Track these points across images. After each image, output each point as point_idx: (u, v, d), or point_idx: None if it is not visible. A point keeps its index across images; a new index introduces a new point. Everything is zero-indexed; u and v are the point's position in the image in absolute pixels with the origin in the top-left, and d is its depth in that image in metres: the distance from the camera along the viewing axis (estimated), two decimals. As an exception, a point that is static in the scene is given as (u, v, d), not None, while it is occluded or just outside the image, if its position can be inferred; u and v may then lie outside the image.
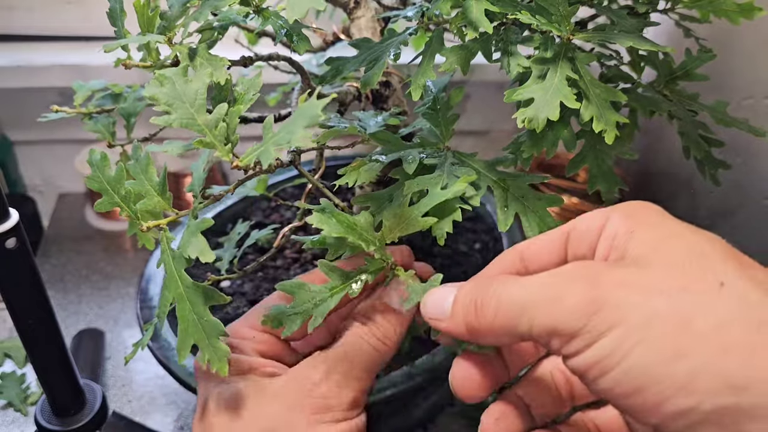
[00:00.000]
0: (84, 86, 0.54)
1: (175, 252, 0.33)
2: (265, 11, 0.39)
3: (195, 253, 0.31)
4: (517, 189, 0.39)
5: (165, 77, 0.34)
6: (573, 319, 0.26)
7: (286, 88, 0.74)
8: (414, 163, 0.40)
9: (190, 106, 0.33)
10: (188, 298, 0.33)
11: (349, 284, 0.37)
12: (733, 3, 0.39)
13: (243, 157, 0.33)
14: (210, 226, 0.32)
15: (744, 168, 0.78)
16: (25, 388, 0.73)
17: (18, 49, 0.96)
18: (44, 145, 1.06)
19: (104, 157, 0.36)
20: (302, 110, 0.30)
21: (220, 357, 0.33)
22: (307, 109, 0.30)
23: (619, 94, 0.36)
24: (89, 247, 0.97)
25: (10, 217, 0.44)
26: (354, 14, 0.53)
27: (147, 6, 0.38)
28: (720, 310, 0.25)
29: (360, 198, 0.41)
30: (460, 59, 0.38)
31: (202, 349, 0.33)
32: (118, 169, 0.35)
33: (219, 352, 0.33)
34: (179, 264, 0.33)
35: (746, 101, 0.77)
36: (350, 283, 0.37)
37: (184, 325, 0.33)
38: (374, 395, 0.50)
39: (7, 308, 0.47)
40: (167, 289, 0.33)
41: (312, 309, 0.36)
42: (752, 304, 0.25)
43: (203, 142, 0.33)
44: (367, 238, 0.37)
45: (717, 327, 0.24)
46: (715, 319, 0.24)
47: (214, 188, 0.50)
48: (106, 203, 0.35)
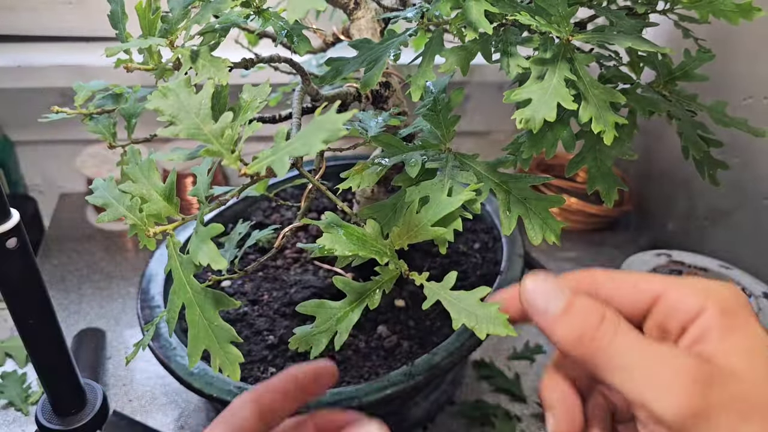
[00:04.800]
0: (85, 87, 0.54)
1: (183, 257, 0.33)
2: (265, 12, 0.39)
3: (206, 260, 0.31)
4: (519, 191, 0.39)
5: (168, 89, 0.34)
6: (671, 413, 0.28)
7: (287, 88, 0.74)
8: (417, 167, 0.40)
9: (195, 116, 0.33)
10: (198, 304, 0.33)
11: (367, 296, 0.37)
12: (732, 3, 0.39)
13: (252, 165, 0.32)
14: (220, 232, 0.32)
15: (743, 168, 0.78)
16: (26, 388, 0.73)
17: (19, 50, 0.96)
18: (45, 146, 1.06)
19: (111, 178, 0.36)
20: (321, 122, 0.30)
21: (232, 361, 0.33)
22: (326, 123, 0.30)
23: (618, 95, 0.36)
24: (90, 246, 0.97)
25: (11, 217, 0.44)
26: (354, 15, 0.53)
27: (149, 9, 0.38)
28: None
29: (366, 211, 0.41)
30: (460, 60, 0.38)
31: (213, 354, 0.33)
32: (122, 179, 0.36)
33: (231, 357, 0.33)
34: (188, 269, 0.33)
35: (746, 101, 0.77)
36: (369, 295, 0.37)
37: (195, 330, 0.33)
38: (374, 395, 0.50)
39: (8, 308, 0.47)
40: (176, 295, 0.34)
41: (336, 325, 0.37)
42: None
43: (210, 150, 0.33)
44: (379, 248, 0.38)
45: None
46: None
47: (216, 189, 0.50)
48: (111, 215, 0.35)
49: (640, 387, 0.29)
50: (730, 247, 0.83)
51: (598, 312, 0.31)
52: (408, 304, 0.59)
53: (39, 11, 0.96)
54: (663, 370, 0.29)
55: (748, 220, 0.80)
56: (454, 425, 0.68)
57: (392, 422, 0.65)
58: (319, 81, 0.45)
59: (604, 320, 0.31)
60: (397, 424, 0.66)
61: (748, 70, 0.77)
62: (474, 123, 1.11)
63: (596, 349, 0.30)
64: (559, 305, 0.32)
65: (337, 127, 0.29)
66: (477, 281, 0.61)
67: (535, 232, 0.38)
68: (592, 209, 0.96)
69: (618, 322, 0.31)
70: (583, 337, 0.31)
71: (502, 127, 1.12)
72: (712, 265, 0.78)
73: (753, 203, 0.79)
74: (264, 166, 0.32)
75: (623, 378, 0.29)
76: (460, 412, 0.70)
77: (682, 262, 0.79)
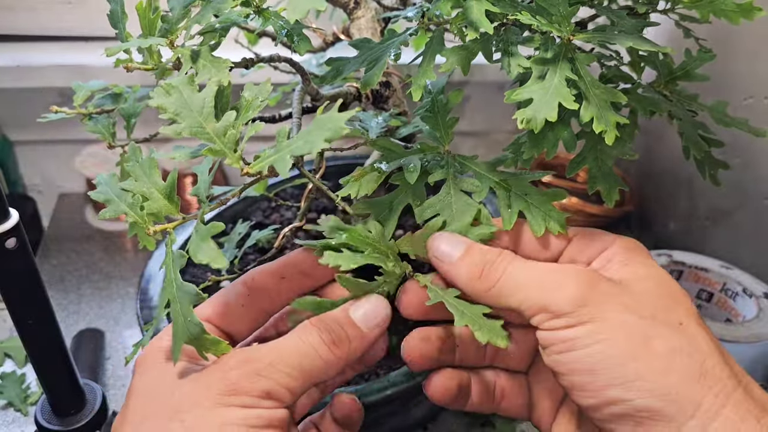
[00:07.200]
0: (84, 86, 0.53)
1: (174, 254, 0.33)
2: (265, 12, 0.39)
3: (206, 259, 0.31)
4: (519, 187, 0.39)
5: (172, 86, 0.33)
6: (564, 304, 0.33)
7: (287, 88, 0.74)
8: (415, 172, 0.40)
9: (198, 115, 0.33)
10: (179, 299, 0.33)
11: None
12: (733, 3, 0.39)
13: (254, 164, 0.32)
14: (221, 230, 0.32)
15: (744, 168, 0.78)
16: (25, 388, 0.73)
17: (18, 49, 0.96)
18: (44, 146, 1.06)
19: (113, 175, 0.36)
20: (323, 121, 0.30)
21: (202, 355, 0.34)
22: (328, 122, 0.30)
23: (619, 95, 0.36)
24: (89, 247, 0.97)
25: (10, 217, 0.44)
26: (354, 14, 0.53)
27: (149, 8, 0.38)
28: (674, 341, 0.32)
29: (360, 205, 0.41)
30: (461, 60, 0.38)
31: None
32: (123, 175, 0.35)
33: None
34: (176, 265, 0.33)
35: (746, 101, 0.77)
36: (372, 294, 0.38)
37: (176, 327, 0.33)
38: (374, 395, 0.50)
39: (7, 308, 0.47)
40: (165, 291, 0.34)
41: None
42: (698, 345, 0.33)
43: (212, 150, 0.33)
44: (384, 251, 0.38)
45: (668, 351, 0.32)
46: (668, 346, 0.32)
47: (216, 189, 0.50)
48: (112, 211, 0.35)
49: (538, 295, 0.34)
50: (731, 247, 0.83)
51: (495, 250, 0.37)
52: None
53: (38, 11, 0.96)
54: (556, 276, 0.35)
55: (749, 220, 0.80)
56: (455, 425, 0.68)
57: (393, 422, 0.65)
58: (319, 81, 0.45)
59: (501, 254, 0.36)
60: (397, 424, 0.66)
61: (749, 70, 0.76)
62: (474, 123, 1.11)
63: (495, 278, 0.35)
64: (462, 248, 0.37)
65: (339, 126, 0.29)
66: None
67: (538, 224, 0.38)
68: (593, 209, 0.96)
69: (513, 255, 0.37)
70: (484, 270, 0.36)
71: (503, 127, 1.12)
72: (713, 265, 0.78)
73: (754, 203, 0.79)
74: (266, 165, 0.32)
75: (524, 296, 0.35)
76: (460, 413, 0.69)
77: (682, 263, 0.79)
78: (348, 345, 0.36)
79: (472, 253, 0.37)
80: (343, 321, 0.36)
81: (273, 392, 0.33)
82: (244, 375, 0.33)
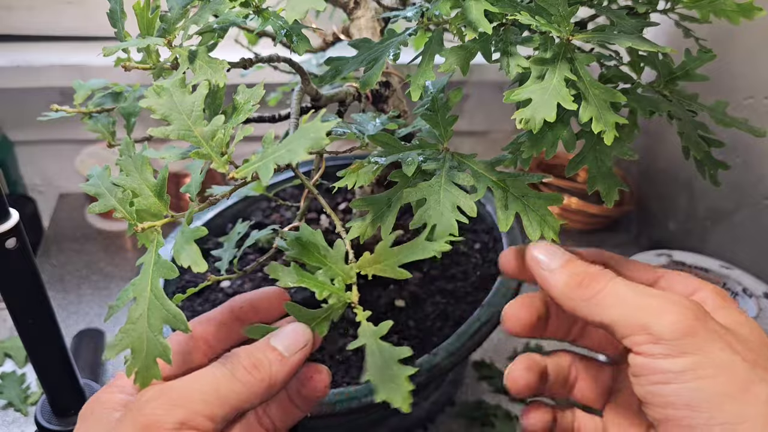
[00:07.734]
0: (84, 85, 0.54)
1: (160, 259, 0.33)
2: (264, 12, 0.39)
3: (187, 262, 0.31)
4: (517, 189, 0.39)
5: (162, 88, 0.34)
6: (667, 330, 0.32)
7: (286, 88, 0.74)
8: (413, 165, 0.39)
9: (187, 118, 0.33)
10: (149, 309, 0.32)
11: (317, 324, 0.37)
12: (733, 3, 0.39)
13: (240, 169, 0.33)
14: (204, 235, 0.32)
15: (744, 168, 0.78)
16: (25, 388, 0.73)
17: (18, 49, 0.96)
18: (44, 145, 1.06)
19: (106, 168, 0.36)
20: (305, 131, 0.30)
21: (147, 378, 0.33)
22: (310, 131, 0.30)
23: (618, 95, 0.36)
24: (89, 247, 0.97)
25: (11, 218, 0.44)
26: (354, 14, 0.53)
27: (147, 8, 0.38)
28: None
29: (358, 202, 0.40)
30: (460, 60, 0.38)
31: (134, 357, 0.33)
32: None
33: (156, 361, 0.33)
34: (157, 272, 0.33)
35: (746, 101, 0.77)
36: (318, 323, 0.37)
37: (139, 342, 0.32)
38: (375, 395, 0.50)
39: (7, 308, 0.47)
40: (133, 287, 0.33)
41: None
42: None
43: (200, 153, 0.33)
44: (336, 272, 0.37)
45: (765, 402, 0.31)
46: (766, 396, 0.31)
47: (215, 188, 0.50)
48: (101, 205, 0.35)
49: (640, 315, 0.33)
50: (730, 247, 0.83)
51: (596, 266, 0.36)
52: (408, 304, 0.59)
53: (37, 10, 0.96)
54: (661, 301, 0.33)
55: (749, 220, 0.80)
56: (455, 426, 0.68)
57: (392, 422, 0.65)
58: (319, 80, 0.45)
59: (604, 269, 0.36)
60: (397, 424, 0.66)
61: (749, 70, 0.76)
62: (473, 123, 1.11)
63: (597, 290, 0.35)
64: (562, 259, 0.37)
65: (321, 136, 0.29)
66: (477, 281, 0.61)
67: (533, 229, 0.38)
68: (593, 209, 0.96)
69: (615, 274, 0.36)
70: (583, 282, 0.35)
71: (502, 126, 1.12)
72: (713, 265, 0.78)
73: (754, 203, 0.79)
74: (251, 171, 0.32)
75: (623, 312, 0.34)
76: (460, 413, 0.69)
77: (682, 263, 0.79)
78: (268, 368, 0.35)
79: (575, 263, 0.37)
80: (262, 346, 0.36)
81: (190, 421, 0.32)
82: (159, 406, 0.33)
